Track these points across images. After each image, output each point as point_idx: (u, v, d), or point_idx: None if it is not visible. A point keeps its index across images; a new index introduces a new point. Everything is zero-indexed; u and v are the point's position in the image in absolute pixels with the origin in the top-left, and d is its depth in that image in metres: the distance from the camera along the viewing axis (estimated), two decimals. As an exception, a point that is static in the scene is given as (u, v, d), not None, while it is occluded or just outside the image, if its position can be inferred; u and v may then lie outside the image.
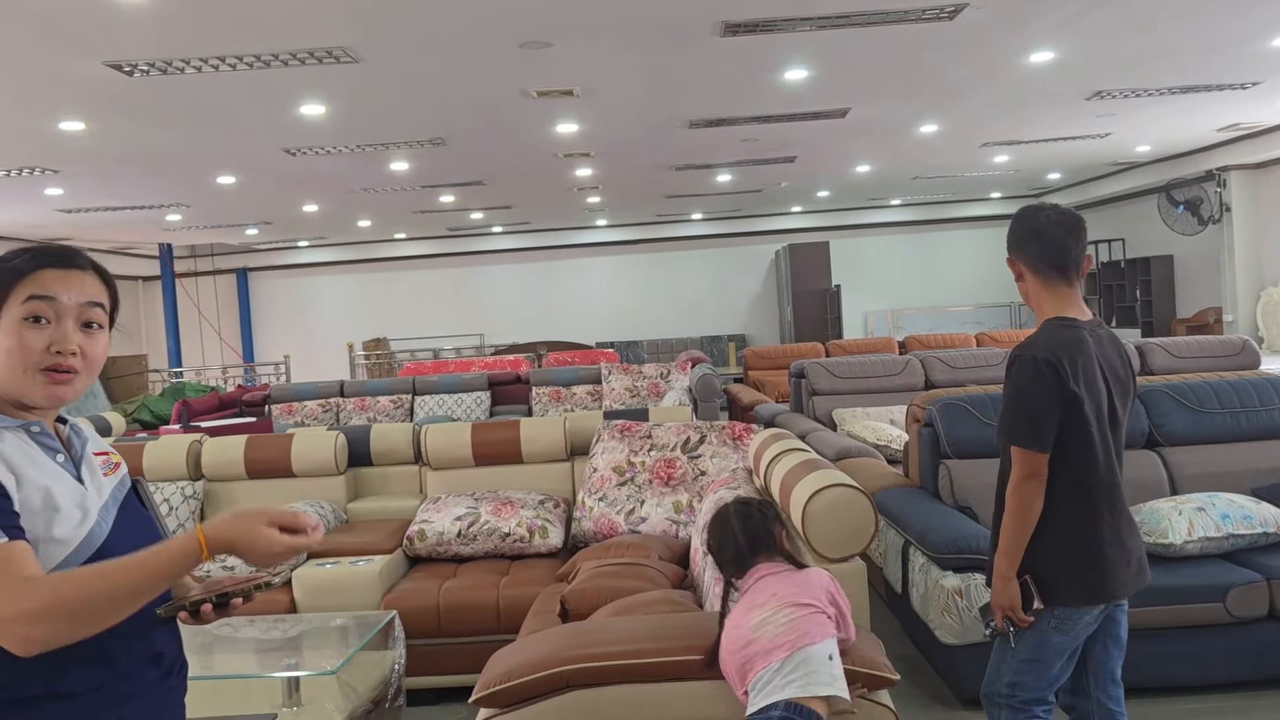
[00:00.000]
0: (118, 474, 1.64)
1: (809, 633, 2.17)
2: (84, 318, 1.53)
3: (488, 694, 2.37)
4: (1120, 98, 8.07)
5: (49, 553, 1.43)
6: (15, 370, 1.48)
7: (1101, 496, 2.52)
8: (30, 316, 1.48)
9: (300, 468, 4.83)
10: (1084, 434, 2.47)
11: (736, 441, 4.44)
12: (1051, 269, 2.58)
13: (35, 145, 7.51)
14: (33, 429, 1.51)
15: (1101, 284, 14.62)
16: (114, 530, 1.53)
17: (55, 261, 1.53)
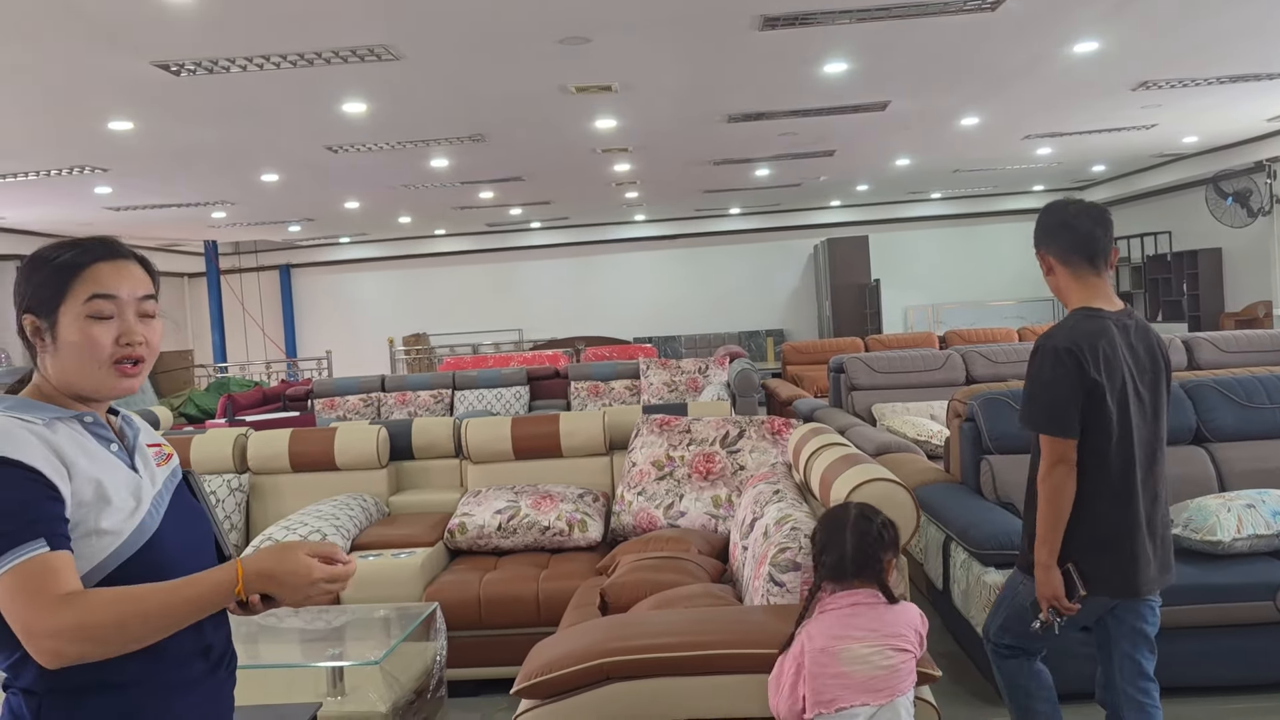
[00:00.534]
0: (169, 465, 1.67)
1: (906, 680, 2.21)
2: (141, 310, 1.57)
3: (529, 685, 2.40)
4: (1167, 88, 7.94)
5: (99, 545, 1.45)
6: (87, 366, 1.52)
7: (1125, 487, 2.55)
8: (95, 314, 1.52)
9: (343, 461, 4.89)
10: (1107, 422, 2.51)
11: (776, 436, 4.44)
12: (1081, 259, 2.65)
13: (85, 145, 7.65)
14: (85, 419, 1.54)
15: (1147, 278, 14.40)
16: (165, 521, 1.55)
17: (105, 254, 1.56)
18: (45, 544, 1.37)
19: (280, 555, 1.49)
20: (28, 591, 1.35)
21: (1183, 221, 13.79)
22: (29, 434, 1.45)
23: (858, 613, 2.24)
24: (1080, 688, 3.60)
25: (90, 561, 1.45)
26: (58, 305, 1.52)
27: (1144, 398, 2.59)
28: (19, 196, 9.80)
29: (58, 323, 1.52)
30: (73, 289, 1.52)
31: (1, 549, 1.37)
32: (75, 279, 1.53)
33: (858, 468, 2.82)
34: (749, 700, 2.37)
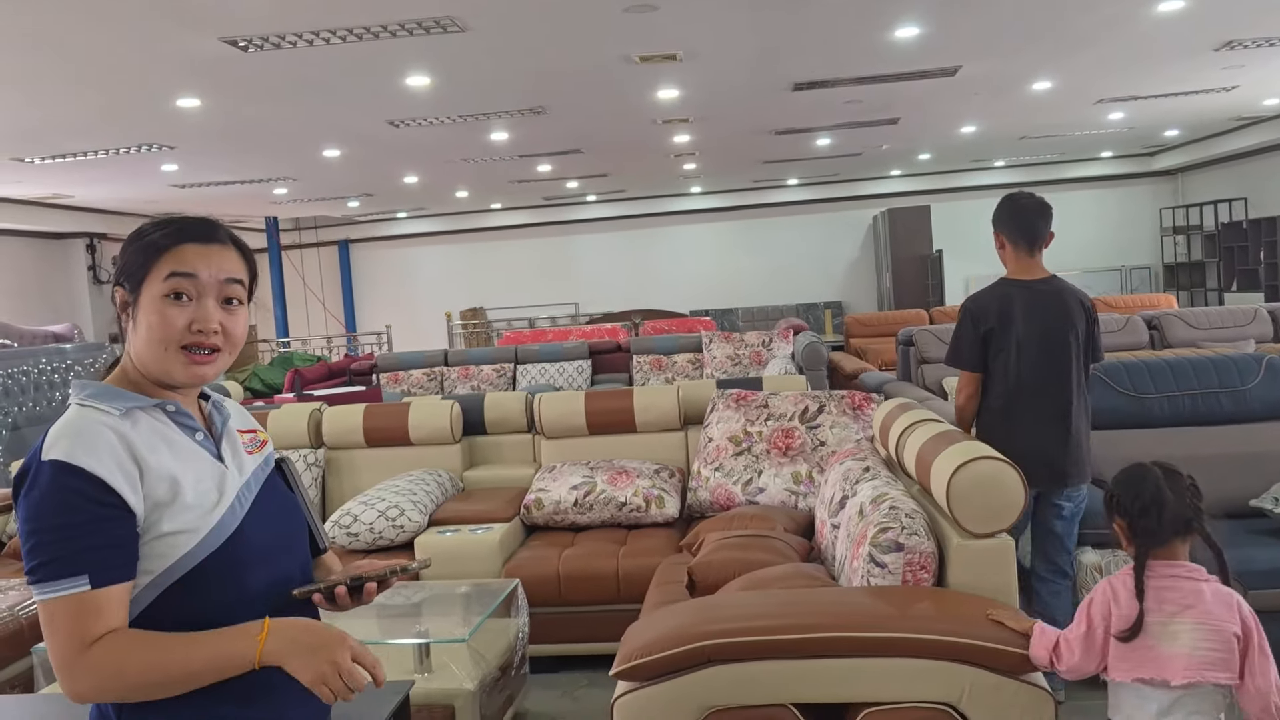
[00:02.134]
0: (263, 453, 1.61)
1: (1219, 668, 2.07)
2: (225, 294, 1.50)
3: (629, 667, 2.35)
4: (1253, 47, 7.62)
5: (173, 544, 1.40)
6: (157, 348, 1.46)
7: (1023, 417, 3.40)
8: (171, 294, 1.45)
9: (417, 436, 4.89)
10: (1003, 360, 3.42)
11: (857, 411, 4.34)
12: (1023, 243, 3.51)
13: (153, 123, 7.71)
14: (168, 408, 1.49)
15: (1222, 246, 13.94)
16: (252, 515, 1.49)
17: (196, 236, 1.50)
18: (88, 581, 1.33)
19: (316, 631, 1.40)
20: (61, 629, 1.33)
21: (1260, 187, 13.32)
22: (105, 430, 1.39)
23: (1176, 585, 2.13)
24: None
25: (166, 560, 1.40)
26: (142, 280, 1.47)
27: (1043, 344, 3.40)
28: (87, 175, 9.94)
29: (140, 300, 1.47)
30: (157, 266, 1.46)
31: (44, 576, 1.33)
32: (162, 256, 1.47)
33: (959, 445, 2.72)
34: (854, 685, 2.30)
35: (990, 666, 2.27)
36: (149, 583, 1.41)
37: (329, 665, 1.36)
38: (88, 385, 1.47)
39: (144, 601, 1.41)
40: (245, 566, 1.46)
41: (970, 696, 2.27)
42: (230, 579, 1.44)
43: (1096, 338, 3.49)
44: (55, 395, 8.28)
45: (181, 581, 1.42)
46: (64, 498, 1.34)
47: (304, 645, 1.38)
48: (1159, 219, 15.82)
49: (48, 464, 1.36)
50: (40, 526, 1.35)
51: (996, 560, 2.53)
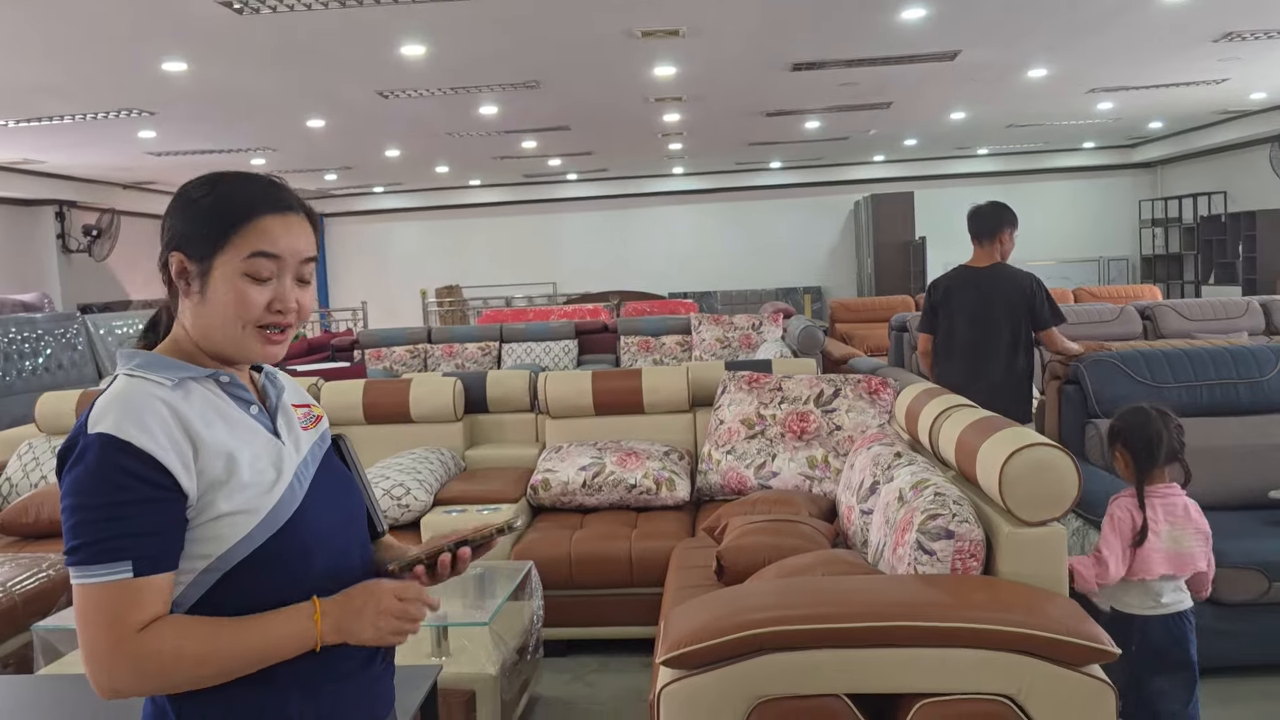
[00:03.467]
0: (318, 428, 1.51)
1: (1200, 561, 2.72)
2: (300, 274, 1.41)
3: (678, 654, 2.27)
4: (1251, 39, 7.63)
5: (232, 527, 1.30)
6: (232, 326, 1.36)
7: (957, 365, 4.55)
8: (252, 274, 1.36)
9: (418, 413, 4.77)
10: (946, 326, 4.62)
11: (873, 396, 4.28)
12: (976, 238, 4.64)
13: (136, 87, 7.48)
14: (222, 379, 1.38)
15: (1200, 239, 14.06)
16: (311, 495, 1.39)
17: (278, 205, 1.40)
18: (130, 568, 1.23)
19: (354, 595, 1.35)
20: (97, 618, 1.24)
21: (1239, 181, 13.42)
22: (156, 402, 1.29)
23: (1171, 501, 2.73)
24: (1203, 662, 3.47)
25: (224, 544, 1.30)
26: (214, 252, 1.35)
27: (974, 314, 4.52)
28: (61, 140, 9.64)
29: (210, 271, 1.35)
30: (234, 239, 1.35)
31: (84, 559, 1.24)
32: (241, 228, 1.36)
33: (1006, 432, 2.66)
34: (909, 675, 2.24)
35: (1051, 658, 2.21)
36: (206, 568, 1.31)
37: (384, 618, 1.33)
38: (136, 354, 1.36)
39: (202, 587, 1.31)
40: (307, 550, 1.36)
41: (1030, 689, 2.21)
42: (292, 563, 1.35)
43: (1039, 309, 4.47)
44: (25, 365, 8.05)
45: (241, 567, 1.32)
46: (112, 475, 1.24)
47: (353, 612, 1.33)
48: (1138, 211, 15.93)
49: (95, 437, 1.26)
50: (84, 504, 1.24)
51: (1049, 549, 2.47)
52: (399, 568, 1.43)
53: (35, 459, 4.83)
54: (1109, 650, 2.21)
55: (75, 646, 3.32)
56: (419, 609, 1.36)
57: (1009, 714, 2.19)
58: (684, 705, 2.28)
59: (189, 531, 1.30)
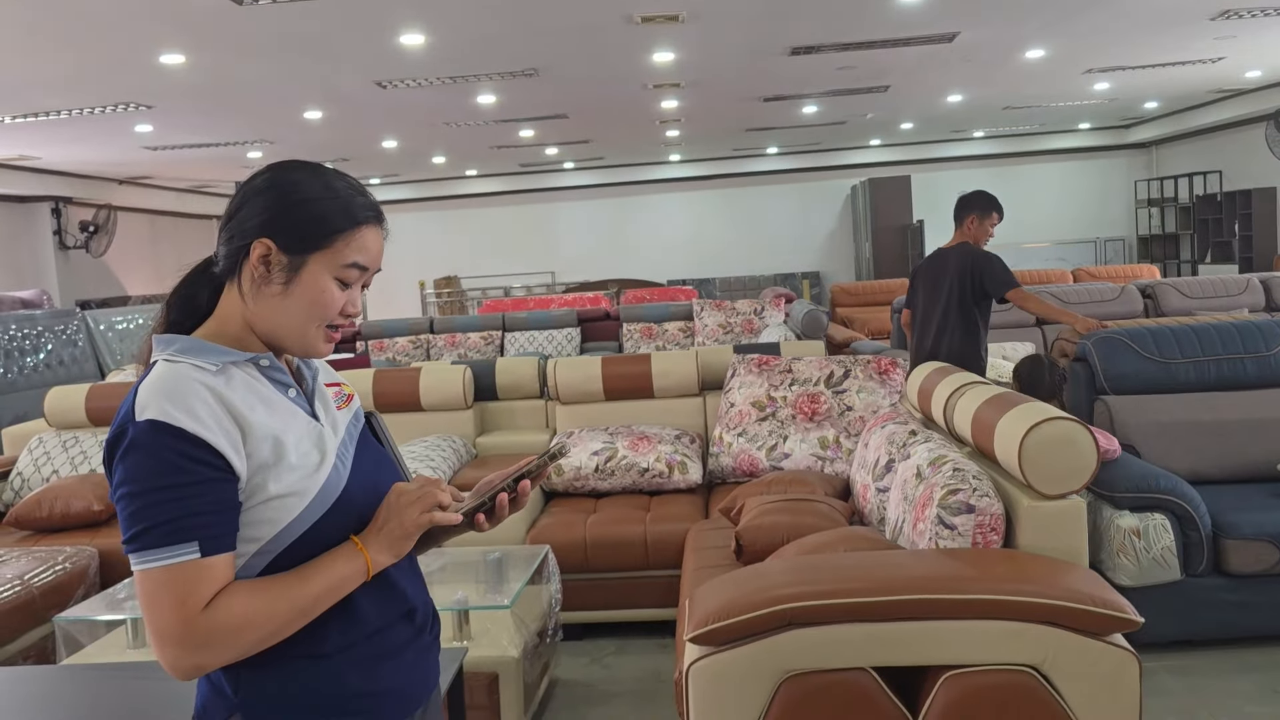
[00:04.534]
0: (351, 407, 1.52)
1: None
2: (367, 281, 1.45)
3: (706, 631, 2.29)
4: (1249, 17, 7.64)
5: (282, 508, 1.32)
6: (308, 323, 1.39)
7: (914, 337, 5.21)
8: (342, 279, 1.39)
9: (429, 402, 4.79)
10: (913, 299, 5.24)
11: (883, 376, 4.30)
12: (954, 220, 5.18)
13: (133, 80, 7.45)
14: (261, 362, 1.39)
15: (1196, 218, 14.09)
16: (354, 472, 1.41)
17: (376, 217, 1.44)
18: (197, 549, 1.24)
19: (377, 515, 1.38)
20: (167, 601, 1.24)
21: (1235, 160, 13.44)
22: (200, 387, 1.30)
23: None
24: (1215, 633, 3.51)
25: (275, 526, 1.32)
26: (313, 250, 1.37)
27: (928, 287, 5.10)
28: (57, 135, 9.60)
29: (304, 266, 1.37)
30: (335, 244, 1.38)
31: (148, 544, 1.24)
32: (345, 233, 1.38)
33: (1022, 408, 2.68)
34: (935, 647, 2.26)
35: (1075, 628, 2.24)
36: (258, 550, 1.33)
37: (408, 510, 1.36)
38: (175, 339, 1.37)
39: (254, 570, 1.33)
40: (356, 528, 1.38)
41: (1054, 659, 2.23)
42: (340, 542, 1.36)
43: (986, 281, 4.88)
44: (26, 362, 8.05)
45: (292, 548, 1.34)
46: (168, 457, 1.24)
47: (386, 533, 1.36)
48: (1133, 191, 15.95)
49: (145, 424, 1.26)
50: (143, 490, 1.24)
51: (1069, 522, 2.50)
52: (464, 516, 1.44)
53: (46, 453, 4.84)
54: (1132, 619, 2.24)
55: (95, 637, 3.35)
56: (434, 485, 1.40)
57: (1034, 684, 2.21)
58: (712, 681, 2.30)
59: (241, 515, 1.31)
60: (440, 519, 1.37)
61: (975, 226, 5.08)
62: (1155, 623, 3.47)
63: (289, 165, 1.43)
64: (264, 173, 1.43)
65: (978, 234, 5.09)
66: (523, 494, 1.48)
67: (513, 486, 1.46)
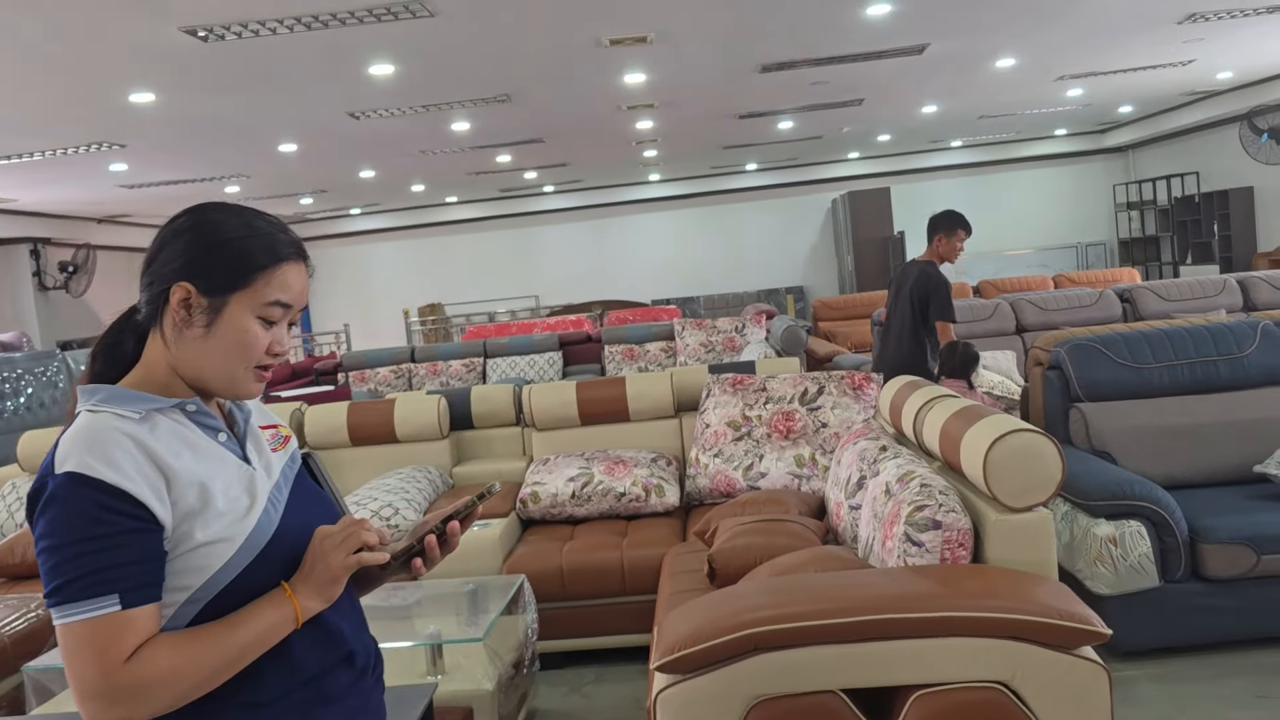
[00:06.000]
0: (287, 449, 1.50)
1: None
2: (293, 319, 1.44)
3: (673, 659, 2.26)
4: (1214, 20, 7.70)
5: (209, 555, 1.29)
6: (232, 365, 1.37)
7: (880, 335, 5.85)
8: (266, 318, 1.38)
9: (404, 433, 4.76)
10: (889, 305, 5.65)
11: (858, 391, 4.29)
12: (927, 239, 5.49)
13: (104, 120, 7.44)
14: (188, 407, 1.37)
15: (1175, 220, 14.15)
16: (287, 517, 1.39)
17: (297, 254, 1.42)
18: (118, 601, 1.22)
19: (304, 559, 1.36)
20: (88, 654, 1.21)
21: (1211, 161, 13.53)
22: (122, 436, 1.27)
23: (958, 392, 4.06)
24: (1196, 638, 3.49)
25: (204, 574, 1.29)
26: (233, 291, 1.36)
27: (894, 298, 5.54)
28: (32, 177, 9.58)
29: (225, 307, 1.35)
30: (256, 283, 1.36)
31: (68, 597, 1.22)
32: (265, 272, 1.37)
33: (988, 420, 2.67)
34: (904, 667, 2.24)
35: (1043, 642, 2.22)
36: (188, 598, 1.30)
37: (334, 553, 1.34)
38: (98, 389, 1.35)
39: (184, 619, 1.30)
40: (287, 572, 1.36)
41: (1023, 674, 2.21)
42: (272, 587, 1.34)
43: (925, 303, 5.27)
44: (6, 406, 7.98)
45: (222, 594, 1.31)
46: (87, 510, 1.22)
47: (314, 578, 1.34)
48: (1112, 195, 16.03)
49: (63, 476, 1.24)
50: (61, 543, 1.22)
51: (1036, 534, 2.48)
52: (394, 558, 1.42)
53: (20, 499, 4.79)
54: (1099, 631, 2.22)
55: (67, 686, 3.30)
56: (358, 525, 1.37)
57: (1004, 700, 2.19)
58: (681, 709, 2.27)
59: (168, 564, 1.28)
60: (366, 560, 1.35)
61: (944, 245, 5.39)
62: (1135, 630, 3.48)
63: (208, 207, 1.42)
64: (183, 215, 1.41)
65: (946, 251, 5.40)
66: (452, 535, 1.46)
67: (441, 529, 1.44)
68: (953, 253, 5.40)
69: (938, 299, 5.25)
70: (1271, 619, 3.44)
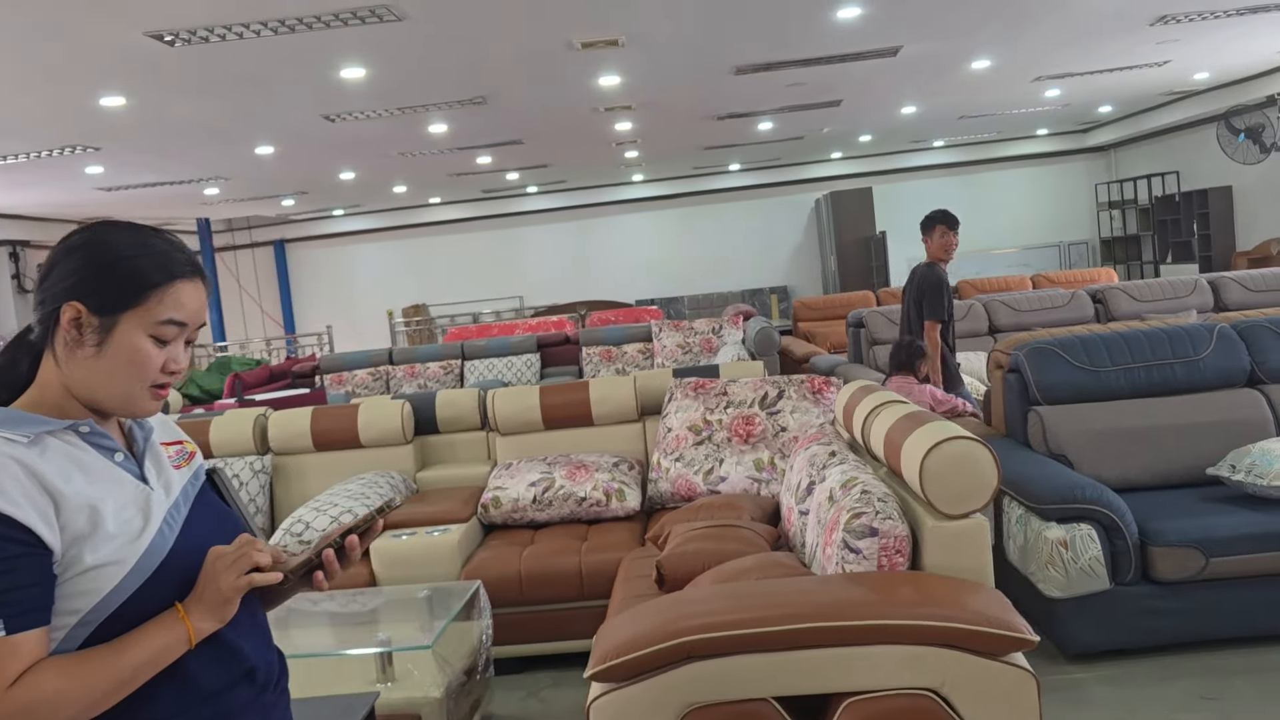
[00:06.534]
0: (191, 465, 1.50)
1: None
2: (191, 337, 1.43)
3: (605, 668, 2.27)
4: (1185, 22, 7.73)
5: (100, 579, 1.29)
6: (125, 384, 1.36)
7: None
8: (159, 337, 1.37)
9: (368, 438, 4.75)
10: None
11: (817, 395, 4.30)
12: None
13: (77, 123, 7.43)
14: (81, 429, 1.36)
15: (1155, 219, 14.21)
16: (185, 536, 1.39)
17: (190, 271, 1.41)
18: (1, 627, 1.21)
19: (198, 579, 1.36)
20: None
21: (1191, 161, 13.59)
22: (11, 462, 1.26)
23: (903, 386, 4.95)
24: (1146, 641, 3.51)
25: (94, 597, 1.29)
26: (123, 310, 1.35)
27: (904, 301, 5.70)
28: (9, 180, 9.57)
29: (115, 328, 1.35)
30: (148, 301, 1.36)
31: None
32: (156, 291, 1.36)
33: (928, 426, 2.68)
34: (835, 675, 2.25)
35: (973, 649, 2.23)
36: (78, 622, 1.29)
37: (226, 573, 1.34)
38: None
39: (75, 642, 1.30)
40: (182, 593, 1.35)
41: (953, 681, 2.23)
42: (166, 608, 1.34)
43: (920, 300, 5.45)
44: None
45: (114, 616, 1.30)
46: None
47: (206, 599, 1.34)
48: (1094, 194, 16.09)
49: None
50: None
51: (971, 541, 2.49)
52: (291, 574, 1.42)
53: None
54: (1028, 639, 2.23)
55: None
56: (249, 545, 1.37)
57: (934, 707, 2.21)
58: (614, 718, 2.28)
59: (58, 588, 1.28)
60: (257, 581, 1.35)
61: (936, 243, 5.53)
62: (1086, 632, 3.50)
63: (103, 225, 1.41)
64: (77, 233, 1.41)
65: (938, 250, 5.53)
66: (351, 549, 1.46)
67: (340, 543, 1.45)
68: (943, 250, 5.50)
69: (927, 298, 5.42)
70: (1219, 621, 3.46)
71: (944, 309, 5.44)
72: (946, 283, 5.55)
